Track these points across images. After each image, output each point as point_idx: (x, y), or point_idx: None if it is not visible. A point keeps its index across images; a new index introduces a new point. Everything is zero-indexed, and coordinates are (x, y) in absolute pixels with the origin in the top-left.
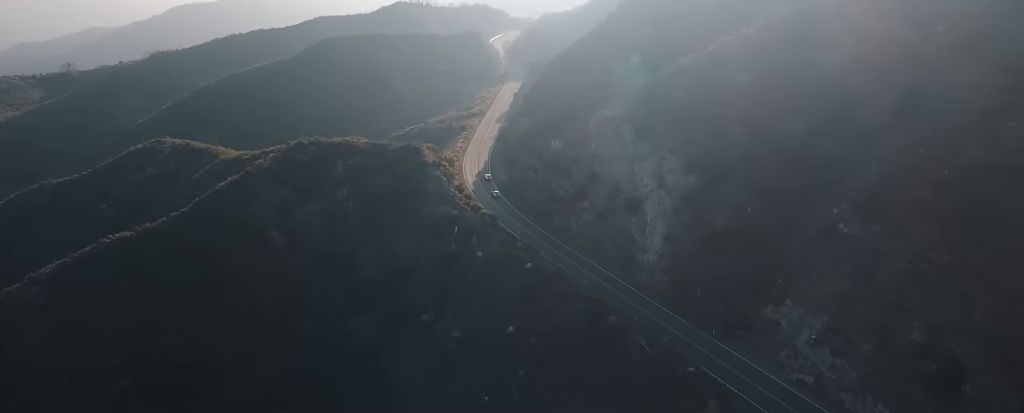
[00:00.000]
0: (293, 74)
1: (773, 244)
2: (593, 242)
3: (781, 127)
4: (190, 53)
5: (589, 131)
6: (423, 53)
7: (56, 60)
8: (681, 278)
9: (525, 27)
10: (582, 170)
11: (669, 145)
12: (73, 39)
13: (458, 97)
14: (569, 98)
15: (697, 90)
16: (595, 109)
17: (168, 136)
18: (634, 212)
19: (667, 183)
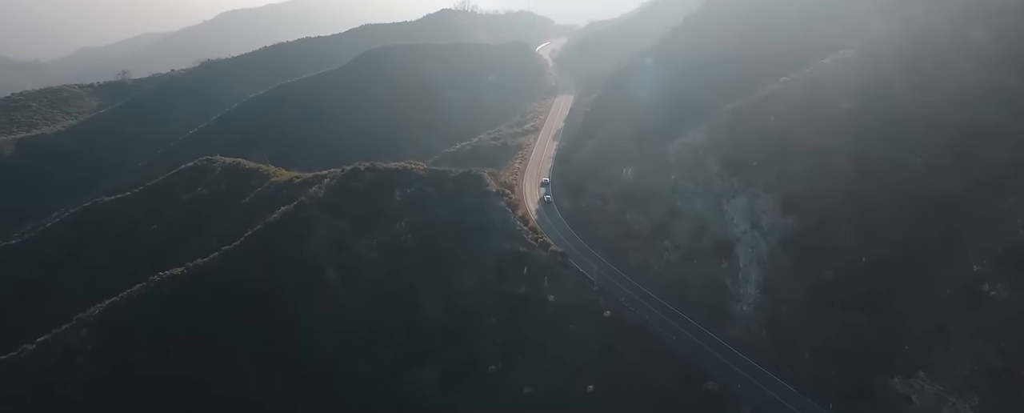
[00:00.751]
0: (341, 84)
1: (896, 303)
2: (677, 287)
3: (895, 162)
4: (239, 61)
5: (667, 160)
6: (472, 63)
7: (113, 65)
8: (784, 335)
9: (572, 35)
10: (661, 204)
11: (763, 180)
12: (129, 44)
13: (508, 109)
14: (636, 120)
15: (793, 118)
16: (672, 135)
17: (218, 150)
18: (724, 255)
19: (762, 223)
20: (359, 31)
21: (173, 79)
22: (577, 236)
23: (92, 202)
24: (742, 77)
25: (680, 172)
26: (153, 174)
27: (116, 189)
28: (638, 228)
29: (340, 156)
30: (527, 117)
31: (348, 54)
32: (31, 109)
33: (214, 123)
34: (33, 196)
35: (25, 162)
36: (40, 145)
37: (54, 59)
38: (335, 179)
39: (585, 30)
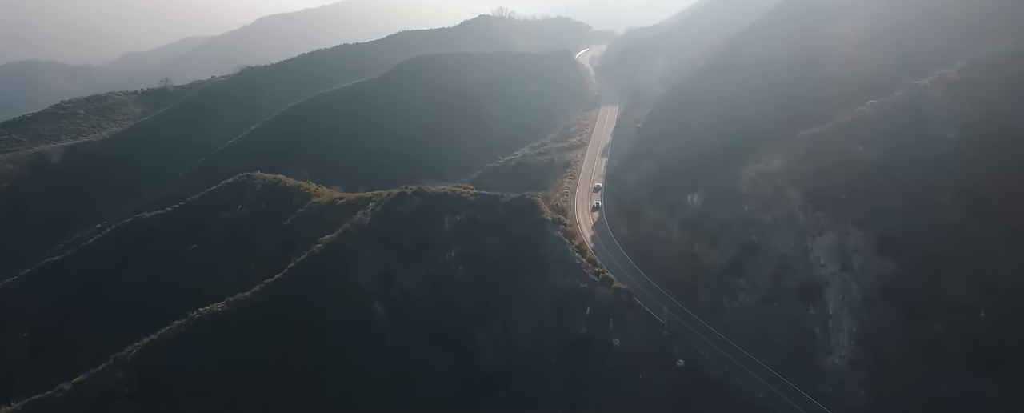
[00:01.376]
0: (380, 94)
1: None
2: (757, 332)
3: (1015, 201)
4: (278, 68)
5: (739, 189)
6: (512, 72)
7: (158, 68)
8: (886, 395)
9: (611, 42)
10: (734, 237)
11: (853, 216)
12: (172, 48)
13: (551, 120)
14: (697, 140)
15: (886, 147)
16: (741, 160)
17: (258, 160)
18: (811, 300)
19: (853, 265)
20: (396, 38)
21: (214, 86)
22: (638, 268)
23: (133, 218)
24: (816, 97)
25: (755, 203)
26: (194, 184)
27: (158, 200)
28: (707, 263)
29: (380, 165)
30: (571, 130)
31: (386, 61)
32: (79, 116)
33: (254, 132)
34: (80, 203)
35: (72, 169)
36: (86, 152)
37: (103, 63)
38: (381, 204)
39: (625, 37)
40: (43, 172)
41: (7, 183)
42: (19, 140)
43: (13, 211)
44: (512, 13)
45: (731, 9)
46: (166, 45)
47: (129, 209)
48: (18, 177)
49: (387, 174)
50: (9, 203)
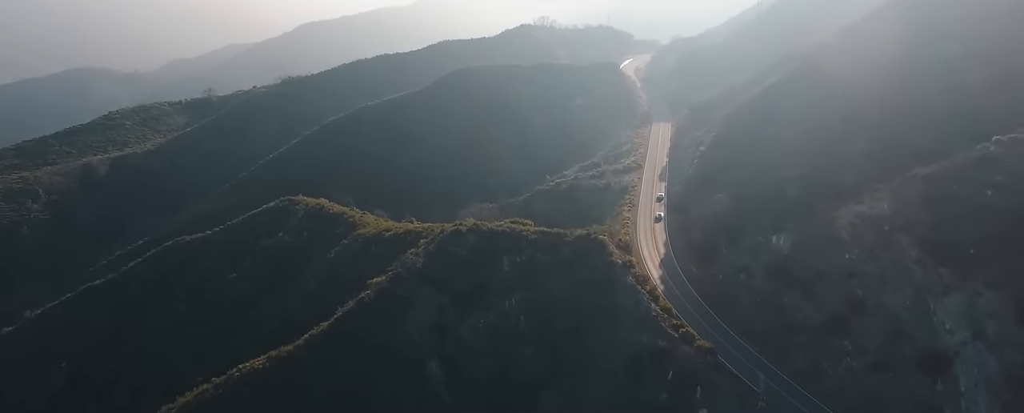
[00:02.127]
0: (423, 107)
1: None
2: (869, 406)
3: None
4: (318, 78)
5: (836, 233)
6: (558, 85)
7: (202, 75)
8: None
9: (656, 52)
10: (834, 290)
11: (985, 275)
12: (216, 55)
13: (599, 136)
14: (776, 171)
15: (1022, 193)
16: (835, 199)
17: (299, 175)
18: (937, 373)
19: (987, 333)
20: (437, 48)
21: (255, 96)
22: (718, 319)
23: (174, 241)
24: (920, 127)
25: (857, 251)
26: (235, 200)
27: (199, 216)
28: (802, 318)
29: (423, 180)
30: (623, 148)
31: (426, 71)
32: (125, 127)
33: (295, 146)
34: (125, 215)
35: (117, 181)
36: (131, 164)
37: (150, 70)
38: (434, 242)
39: (671, 47)
40: (90, 184)
41: (56, 196)
42: (69, 151)
43: (61, 224)
44: (553, 22)
45: (795, 20)
46: (210, 52)
47: (171, 224)
48: (66, 189)
49: (430, 190)
50: (58, 216)
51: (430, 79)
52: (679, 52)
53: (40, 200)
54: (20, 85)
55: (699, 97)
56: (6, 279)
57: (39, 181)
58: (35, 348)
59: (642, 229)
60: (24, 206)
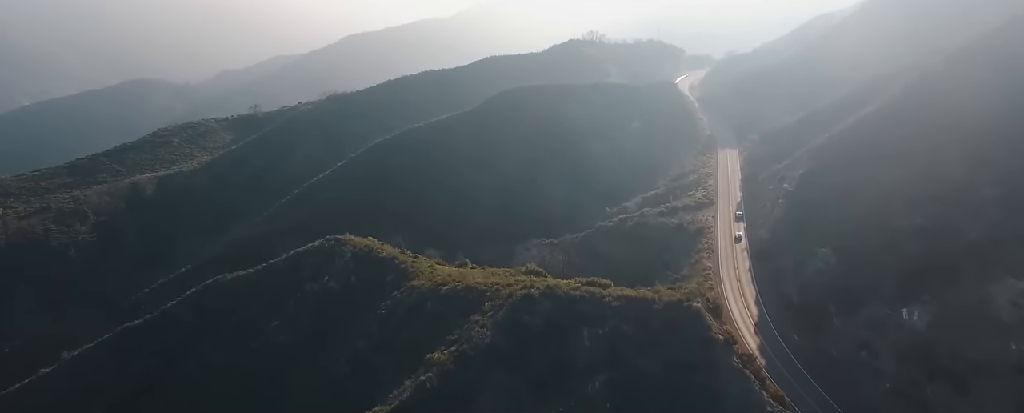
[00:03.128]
0: (473, 130)
1: None
2: None
3: None
4: (363, 96)
5: (994, 313)
6: (614, 106)
7: (249, 86)
8: None
9: (711, 68)
10: (1000, 391)
11: None
12: (263, 66)
13: (660, 164)
14: (894, 222)
15: None
16: (989, 268)
17: (344, 197)
18: None
19: None
20: (484, 64)
21: (300, 114)
22: (837, 407)
23: (214, 280)
24: None
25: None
26: (280, 224)
27: (243, 242)
28: None
29: (474, 207)
30: (688, 179)
31: (473, 88)
32: (173, 145)
33: (340, 169)
34: (170, 237)
35: (163, 200)
36: (177, 184)
37: (201, 80)
38: (502, 309)
39: (726, 63)
40: (137, 204)
41: (104, 217)
42: (118, 170)
43: (109, 245)
44: (602, 37)
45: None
46: (258, 63)
47: (216, 248)
48: (114, 210)
49: (482, 218)
50: (105, 237)
51: (478, 97)
52: (737, 70)
53: (88, 221)
54: (81, 97)
55: (770, 123)
56: (56, 305)
57: (88, 201)
58: (73, 392)
59: (727, 281)
60: (73, 228)
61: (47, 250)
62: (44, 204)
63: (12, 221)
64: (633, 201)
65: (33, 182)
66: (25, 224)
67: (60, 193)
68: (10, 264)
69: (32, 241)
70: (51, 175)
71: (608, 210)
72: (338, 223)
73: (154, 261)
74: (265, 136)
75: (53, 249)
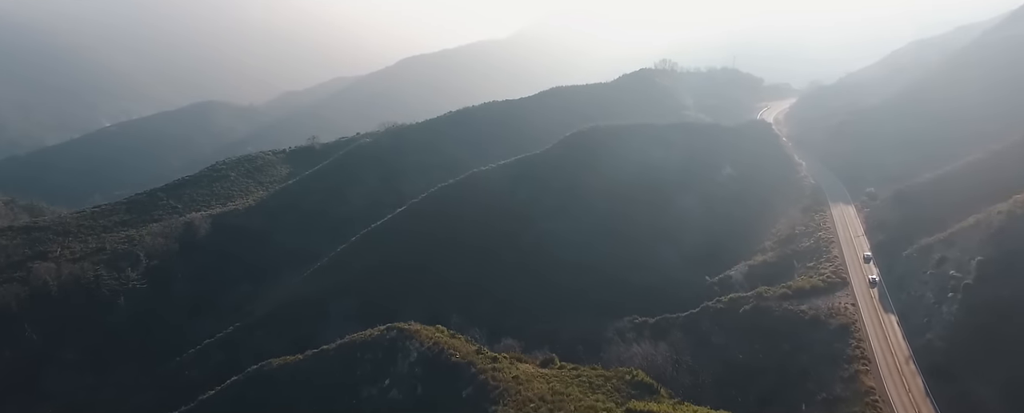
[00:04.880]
0: (545, 177)
1: None
2: None
3: None
4: (423, 128)
5: None
6: (702, 150)
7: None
8: None
9: (794, 99)
10: None
11: None
12: (324, 87)
13: (761, 221)
14: None
15: None
16: None
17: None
18: None
19: None
20: (549, 95)
21: (357, 148)
22: None
23: (258, 367)
24: None
25: None
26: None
27: (292, 303)
28: None
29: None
30: (801, 241)
31: (539, 121)
32: (229, 179)
33: (401, 218)
34: (221, 283)
35: (216, 242)
36: (230, 224)
37: (264, 102)
38: None
39: (813, 96)
40: (190, 245)
41: (156, 261)
42: (174, 206)
43: (158, 292)
44: (675, 65)
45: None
46: (318, 84)
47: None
48: (166, 252)
49: (559, 283)
50: (155, 282)
51: (543, 131)
52: (830, 105)
53: (140, 266)
54: (155, 118)
55: (886, 173)
56: (98, 360)
57: (142, 242)
58: None
59: None
60: (124, 274)
61: (98, 297)
62: (100, 244)
63: (66, 265)
64: (737, 269)
65: (92, 219)
66: (78, 268)
67: (117, 232)
68: (60, 311)
69: (84, 287)
70: (109, 212)
71: (708, 279)
72: (396, 286)
73: (203, 310)
74: (321, 172)
75: (103, 296)
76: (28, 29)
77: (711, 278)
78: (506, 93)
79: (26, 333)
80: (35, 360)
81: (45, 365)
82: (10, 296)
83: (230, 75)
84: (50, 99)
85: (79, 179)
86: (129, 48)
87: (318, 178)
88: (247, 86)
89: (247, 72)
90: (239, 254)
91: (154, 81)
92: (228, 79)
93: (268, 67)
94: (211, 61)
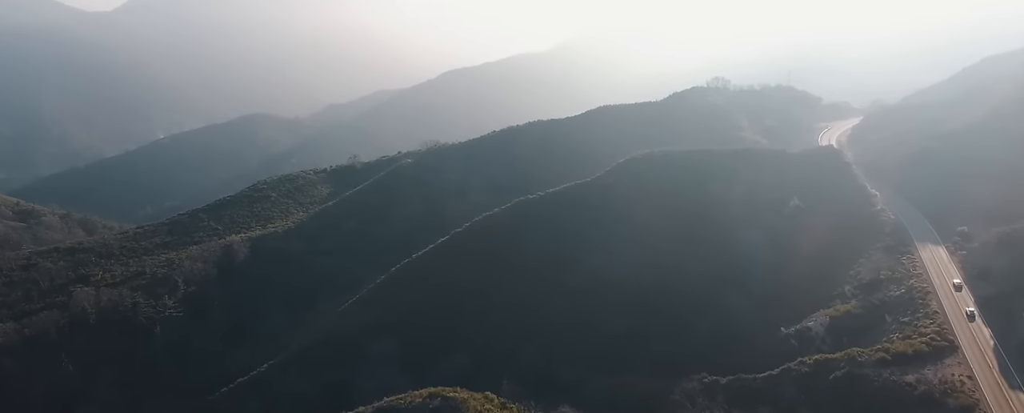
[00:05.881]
0: (596, 208)
1: None
2: None
3: None
4: (466, 148)
5: None
6: (764, 179)
7: (353, 121)
8: None
9: (857, 119)
10: None
11: None
12: (367, 100)
13: (837, 262)
14: None
15: None
16: None
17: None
18: None
19: None
20: (595, 115)
21: (399, 169)
22: None
23: None
24: None
25: None
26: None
27: (327, 341)
28: None
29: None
30: (888, 289)
31: (586, 143)
32: (270, 200)
33: (443, 249)
34: (258, 311)
35: (254, 266)
36: (270, 247)
37: (308, 114)
38: None
39: (878, 117)
40: (228, 269)
41: (193, 287)
42: (215, 228)
43: (194, 320)
44: (727, 82)
45: None
46: (362, 97)
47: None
48: (205, 278)
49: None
50: (191, 310)
51: (591, 153)
52: (899, 128)
53: (177, 293)
54: (204, 130)
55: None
56: (130, 396)
57: (181, 267)
58: None
59: None
60: (161, 302)
61: (134, 325)
62: (140, 268)
63: (105, 291)
64: (817, 320)
65: (134, 241)
66: (116, 294)
67: (157, 254)
68: (97, 342)
69: (121, 314)
70: (151, 233)
71: (784, 330)
72: (437, 326)
73: (239, 340)
74: (362, 193)
75: (140, 325)
76: (92, 47)
77: (787, 329)
78: (547, 107)
79: (62, 363)
80: (69, 396)
81: (78, 402)
82: (50, 323)
83: (277, 89)
84: (110, 113)
85: (132, 190)
86: (183, 64)
87: (358, 199)
88: (293, 99)
89: (293, 86)
90: (277, 279)
91: (205, 95)
92: (275, 93)
93: (313, 81)
94: (259, 76)
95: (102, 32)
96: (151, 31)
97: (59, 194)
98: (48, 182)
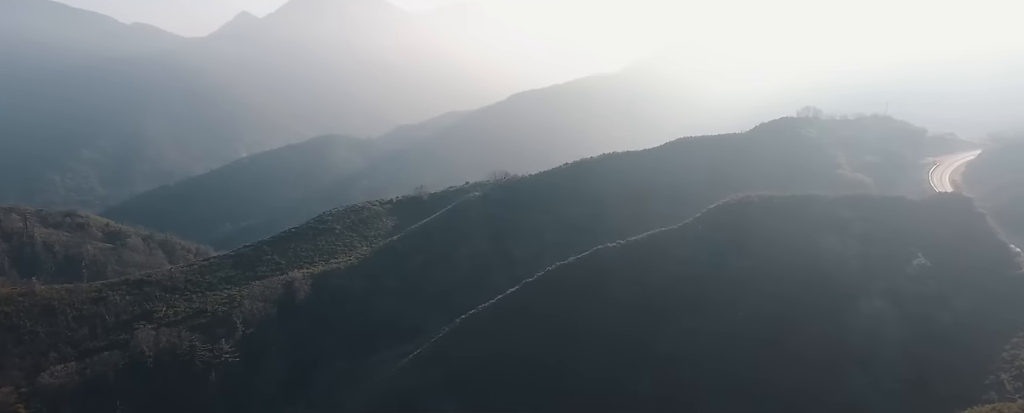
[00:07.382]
0: (687, 259)
1: None
2: None
3: None
4: (536, 182)
5: None
6: (883, 231)
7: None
8: None
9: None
10: None
11: None
12: (436, 122)
13: (980, 337)
14: None
15: None
16: None
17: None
18: None
19: None
20: (676, 147)
21: (466, 203)
22: None
23: None
24: None
25: None
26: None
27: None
28: None
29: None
30: None
31: (665, 177)
32: (334, 233)
33: (512, 301)
34: (317, 357)
35: (315, 306)
36: (332, 285)
37: (379, 135)
38: None
39: (1001, 154)
40: (288, 309)
41: (252, 329)
42: (278, 262)
43: (250, 366)
44: (818, 112)
45: None
46: (432, 118)
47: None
48: (264, 318)
49: None
50: (248, 355)
51: (672, 191)
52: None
53: (235, 334)
54: (282, 150)
55: None
56: None
57: (240, 305)
58: None
59: None
60: (218, 346)
61: (191, 370)
62: (202, 304)
63: (164, 332)
64: None
65: (199, 275)
66: (175, 335)
67: (220, 290)
68: (153, 388)
69: (178, 358)
70: (216, 267)
71: None
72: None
73: (295, 387)
74: (426, 229)
75: (196, 371)
76: (187, 71)
77: None
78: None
79: (118, 411)
80: None
81: None
82: (109, 367)
83: (350, 110)
84: (200, 133)
85: (214, 207)
86: (265, 87)
87: (423, 236)
88: (365, 120)
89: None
90: (337, 320)
91: (283, 116)
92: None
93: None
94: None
95: (196, 57)
96: (235, 56)
97: (148, 212)
98: (142, 199)
